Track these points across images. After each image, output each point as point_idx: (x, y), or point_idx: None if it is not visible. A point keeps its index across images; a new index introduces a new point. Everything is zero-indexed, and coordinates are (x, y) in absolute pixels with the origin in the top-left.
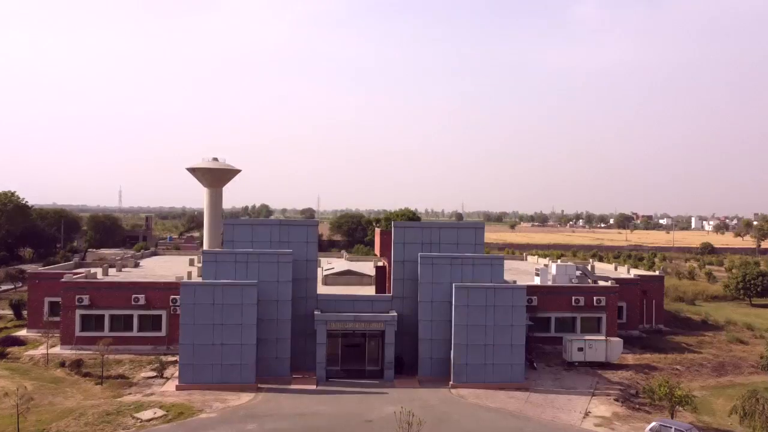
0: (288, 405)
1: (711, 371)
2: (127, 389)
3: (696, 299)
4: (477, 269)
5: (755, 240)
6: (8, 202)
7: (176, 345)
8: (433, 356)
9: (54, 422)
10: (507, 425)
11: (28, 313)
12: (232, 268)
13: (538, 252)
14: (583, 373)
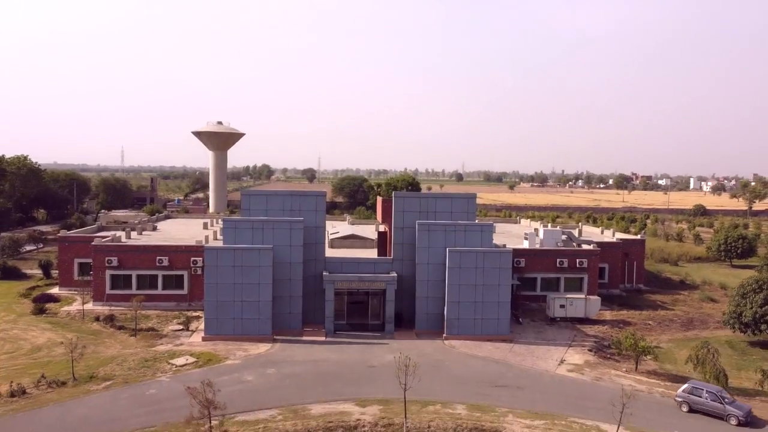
0: (301, 353)
1: (680, 326)
2: (158, 340)
3: (680, 260)
4: (468, 235)
5: (746, 202)
6: (22, 165)
7: (197, 302)
8: (429, 312)
9: (100, 367)
10: (491, 370)
11: (59, 273)
12: (249, 233)
13: (535, 213)
14: (564, 327)
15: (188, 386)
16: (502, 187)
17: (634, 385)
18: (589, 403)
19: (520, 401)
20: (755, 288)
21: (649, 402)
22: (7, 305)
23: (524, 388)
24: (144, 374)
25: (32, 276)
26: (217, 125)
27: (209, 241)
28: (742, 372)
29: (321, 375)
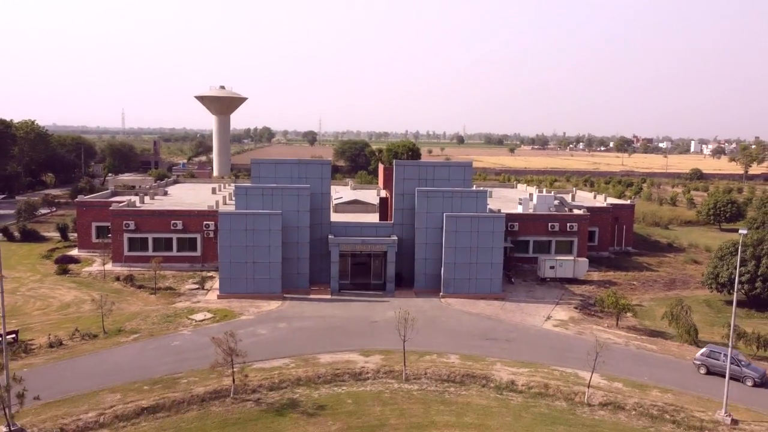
0: (309, 310)
1: (662, 286)
2: (176, 298)
3: (670, 224)
4: (464, 201)
5: (743, 166)
6: (30, 130)
7: (210, 263)
8: (427, 272)
9: (126, 322)
10: (483, 325)
11: (78, 236)
12: (260, 200)
13: (533, 177)
14: (553, 287)
15: (213, 336)
16: (503, 149)
17: (614, 339)
18: (570, 354)
19: (508, 352)
20: (732, 251)
21: (624, 354)
22: (31, 266)
23: (512, 340)
24: (167, 328)
25: (50, 238)
26: (219, 90)
27: (219, 206)
28: (714, 328)
29: (328, 329)
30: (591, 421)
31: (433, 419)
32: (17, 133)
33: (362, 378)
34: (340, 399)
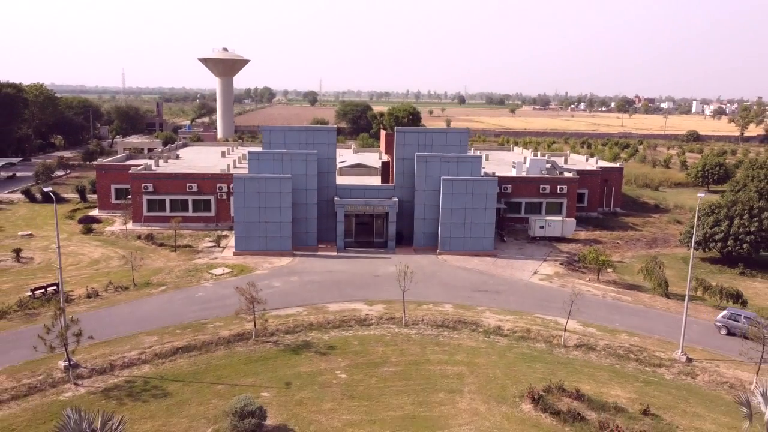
0: (317, 265)
1: (644, 245)
2: (195, 255)
3: (661, 186)
4: (460, 165)
5: (739, 128)
6: (39, 93)
7: (223, 222)
8: (425, 231)
9: (153, 276)
10: (476, 279)
11: (98, 197)
12: (271, 164)
13: (532, 139)
14: (542, 245)
15: (237, 287)
16: (504, 110)
17: (593, 291)
18: (552, 304)
19: (497, 302)
20: (707, 212)
21: (601, 304)
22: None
23: (501, 292)
24: (190, 281)
25: (70, 200)
26: (222, 52)
27: (230, 169)
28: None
29: (335, 282)
30: (565, 360)
31: (428, 357)
32: (27, 96)
33: (367, 324)
34: (348, 341)
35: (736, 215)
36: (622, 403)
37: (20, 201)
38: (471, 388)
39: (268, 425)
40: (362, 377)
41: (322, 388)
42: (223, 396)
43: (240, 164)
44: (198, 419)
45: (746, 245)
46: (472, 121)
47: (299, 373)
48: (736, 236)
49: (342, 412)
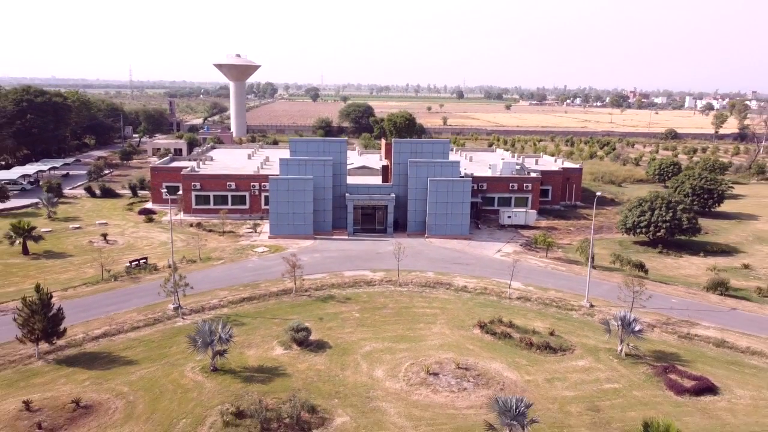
0: (333, 245)
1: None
2: (239, 238)
3: (624, 182)
4: (443, 169)
5: (714, 126)
6: (76, 99)
7: (255, 214)
8: (416, 220)
9: (210, 253)
10: (453, 255)
11: (152, 193)
12: (296, 168)
13: (520, 137)
14: (509, 231)
15: (284, 257)
16: (500, 105)
17: (539, 264)
18: (506, 272)
19: (467, 270)
20: (636, 204)
21: (542, 272)
22: (122, 216)
23: (470, 264)
24: (240, 257)
25: (123, 195)
26: (235, 57)
27: (259, 171)
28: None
29: (347, 257)
30: (508, 306)
31: (414, 304)
32: (69, 103)
33: (372, 284)
34: (359, 295)
35: (656, 207)
36: (539, 329)
37: (83, 196)
38: (441, 321)
39: (311, 340)
40: (369, 315)
41: (343, 321)
42: (280, 325)
43: (266, 166)
44: (266, 336)
45: (663, 230)
46: (468, 117)
47: (327, 313)
48: (656, 224)
49: (357, 333)
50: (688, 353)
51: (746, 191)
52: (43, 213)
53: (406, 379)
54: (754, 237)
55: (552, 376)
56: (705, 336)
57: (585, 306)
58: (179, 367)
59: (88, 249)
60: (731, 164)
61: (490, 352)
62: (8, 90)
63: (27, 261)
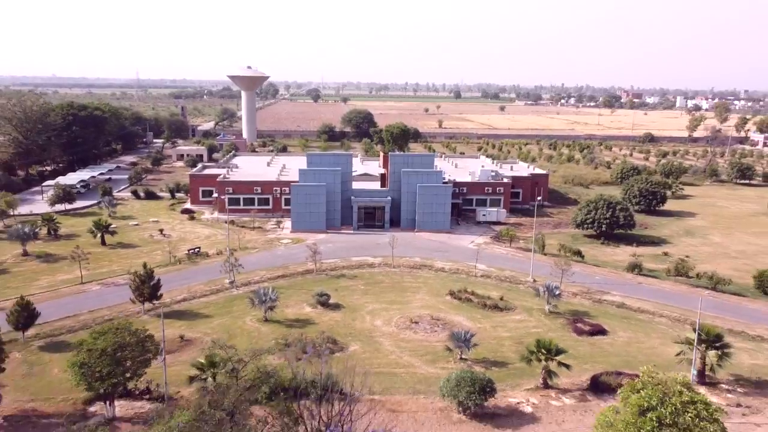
0: (342, 238)
1: (552, 226)
2: (266, 232)
3: (591, 184)
4: (429, 177)
5: (688, 130)
6: (109, 110)
7: (277, 213)
8: (408, 218)
9: (247, 244)
10: (435, 245)
11: (190, 196)
12: (312, 177)
13: (509, 141)
14: (483, 226)
15: (307, 245)
16: (495, 106)
17: (502, 252)
18: (475, 257)
19: (445, 256)
20: (585, 205)
21: (504, 258)
22: (167, 215)
23: (449, 252)
24: (269, 247)
25: (163, 197)
26: (247, 69)
27: (278, 177)
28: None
29: (353, 246)
30: (473, 281)
31: (404, 280)
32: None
33: (372, 266)
34: (363, 274)
35: (599, 207)
36: (492, 296)
37: (129, 198)
38: (423, 291)
39: (330, 303)
40: (371, 287)
41: (352, 291)
42: (307, 293)
43: (283, 173)
44: (298, 300)
45: (604, 226)
46: (462, 119)
47: (340, 286)
48: (598, 221)
49: (362, 299)
50: (595, 311)
51: (697, 192)
52: (104, 212)
53: (396, 326)
54: (684, 231)
55: (496, 325)
56: (611, 301)
57: (530, 281)
58: (241, 319)
59: (150, 241)
60: (690, 167)
61: (456, 310)
62: (56, 105)
63: (107, 250)
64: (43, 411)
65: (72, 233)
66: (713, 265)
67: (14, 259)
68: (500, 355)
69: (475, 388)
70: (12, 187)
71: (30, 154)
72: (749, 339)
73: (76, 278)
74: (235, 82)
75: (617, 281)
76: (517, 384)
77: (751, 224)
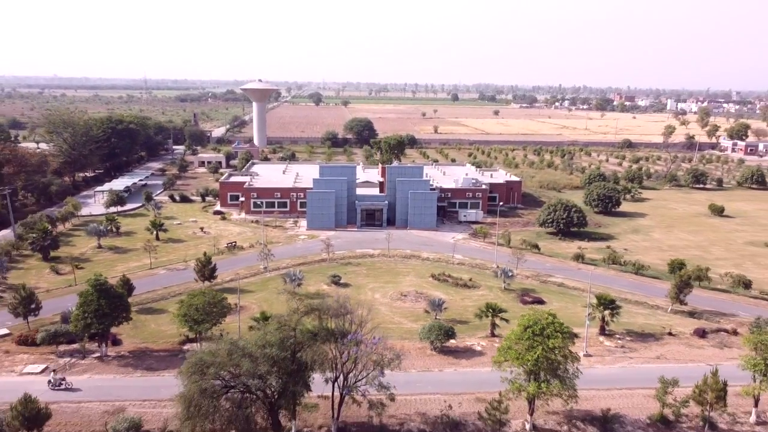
0: (348, 234)
1: (521, 225)
2: (286, 230)
3: (564, 188)
4: (418, 185)
5: (663, 137)
6: (139, 123)
7: (294, 214)
8: (401, 218)
9: (272, 239)
10: (423, 240)
11: (220, 200)
12: (324, 184)
13: (495, 148)
14: (464, 225)
15: (322, 239)
16: (490, 110)
17: (476, 245)
18: (456, 250)
19: (431, 249)
20: (547, 207)
21: (478, 250)
22: (202, 215)
23: (434, 245)
24: (291, 241)
25: (195, 200)
26: (258, 83)
27: (293, 184)
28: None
29: (357, 241)
30: (451, 267)
31: (397, 267)
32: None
33: (372, 257)
34: (365, 262)
35: (558, 210)
36: (464, 278)
37: (167, 201)
38: (411, 275)
39: (341, 282)
40: (371, 272)
41: (357, 274)
42: (323, 276)
43: (297, 180)
44: (317, 281)
45: (561, 225)
46: (458, 124)
47: (348, 270)
48: (557, 221)
49: (365, 280)
50: (540, 289)
51: (655, 195)
52: (150, 214)
53: (390, 298)
54: (631, 229)
55: (464, 297)
56: (554, 281)
57: (494, 267)
58: (276, 293)
59: (194, 237)
60: (655, 172)
61: (435, 288)
62: (96, 120)
63: (161, 244)
64: (152, 348)
65: (129, 230)
66: (645, 256)
67: (92, 251)
68: (464, 317)
69: (441, 333)
70: (67, 192)
71: (75, 163)
72: (648, 307)
73: (144, 265)
74: (248, 94)
75: (562, 267)
76: (473, 334)
77: (690, 223)
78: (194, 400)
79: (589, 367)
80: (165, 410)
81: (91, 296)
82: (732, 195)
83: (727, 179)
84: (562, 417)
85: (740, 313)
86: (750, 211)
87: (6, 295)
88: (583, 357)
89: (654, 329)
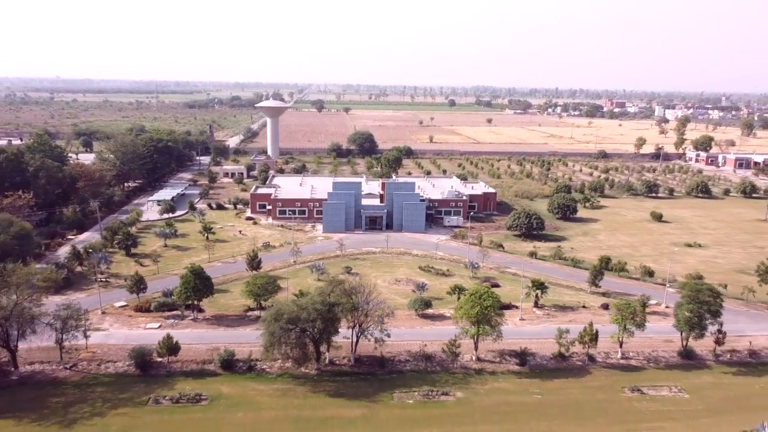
0: (355, 236)
1: (494, 229)
2: (306, 233)
3: (536, 197)
4: (411, 197)
5: (635, 147)
6: (173, 139)
7: (311, 220)
8: (397, 223)
9: (297, 240)
10: (414, 241)
11: (251, 207)
12: (336, 197)
13: (485, 157)
14: (448, 228)
15: (336, 240)
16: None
17: (455, 245)
18: (439, 248)
19: (420, 247)
20: (513, 214)
21: (456, 249)
22: (237, 221)
23: (422, 245)
24: (311, 241)
25: (228, 208)
26: (273, 101)
27: (310, 195)
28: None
29: (362, 241)
30: (435, 262)
31: (393, 261)
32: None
33: (375, 253)
34: (369, 257)
35: (521, 216)
36: (443, 269)
37: (206, 209)
38: (403, 267)
39: (352, 272)
40: (375, 264)
41: (363, 266)
42: (338, 267)
43: (314, 192)
44: (334, 271)
45: (524, 228)
46: (452, 133)
47: (356, 263)
48: (520, 225)
49: (369, 270)
50: (498, 277)
51: (612, 203)
52: (195, 219)
53: (388, 282)
54: (582, 233)
55: (442, 283)
56: (510, 272)
57: (467, 261)
58: (305, 279)
59: (235, 238)
60: (617, 182)
61: (421, 276)
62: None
63: (211, 243)
64: (226, 314)
65: (183, 233)
66: (587, 253)
67: (161, 249)
68: (440, 295)
69: (422, 304)
70: (122, 202)
71: (123, 175)
72: (575, 290)
73: (204, 259)
74: (262, 111)
75: (519, 262)
76: (445, 306)
77: (633, 228)
78: (276, 333)
79: (522, 327)
80: (245, 348)
81: (189, 278)
82: (678, 203)
83: (678, 189)
84: (496, 353)
85: (640, 293)
86: (687, 217)
87: (112, 280)
88: (518, 321)
89: (574, 304)
